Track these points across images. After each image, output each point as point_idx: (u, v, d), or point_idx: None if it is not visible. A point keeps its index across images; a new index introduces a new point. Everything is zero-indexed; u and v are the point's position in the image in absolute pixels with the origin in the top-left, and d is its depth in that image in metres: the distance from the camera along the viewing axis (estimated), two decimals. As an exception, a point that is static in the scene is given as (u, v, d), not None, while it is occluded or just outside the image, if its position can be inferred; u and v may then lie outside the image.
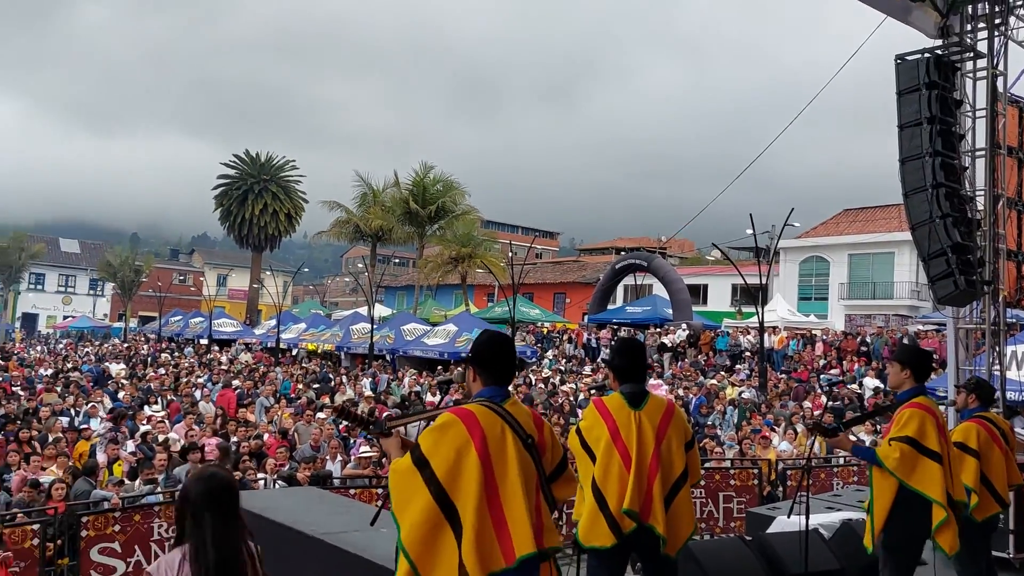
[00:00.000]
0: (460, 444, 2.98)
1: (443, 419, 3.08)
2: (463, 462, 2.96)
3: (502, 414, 3.10)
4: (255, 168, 52.33)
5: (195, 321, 42.53)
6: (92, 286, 65.03)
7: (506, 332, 27.19)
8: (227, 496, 2.81)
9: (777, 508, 7.70)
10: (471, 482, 2.93)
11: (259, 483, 9.81)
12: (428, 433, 3.05)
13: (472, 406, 3.14)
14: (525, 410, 3.27)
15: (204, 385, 20.71)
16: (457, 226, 42.20)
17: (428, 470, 2.94)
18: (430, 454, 2.97)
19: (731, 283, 39.91)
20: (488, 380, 3.28)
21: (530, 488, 3.05)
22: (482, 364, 3.31)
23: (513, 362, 3.39)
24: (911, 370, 4.87)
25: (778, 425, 14.13)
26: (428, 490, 2.92)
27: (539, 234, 76.75)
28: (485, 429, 3.02)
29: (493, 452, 3.00)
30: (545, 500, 3.15)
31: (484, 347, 3.36)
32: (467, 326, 27.61)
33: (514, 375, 3.49)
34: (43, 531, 7.47)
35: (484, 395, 3.23)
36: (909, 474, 4.55)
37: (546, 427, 3.30)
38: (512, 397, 3.28)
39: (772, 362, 23.53)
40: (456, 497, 2.93)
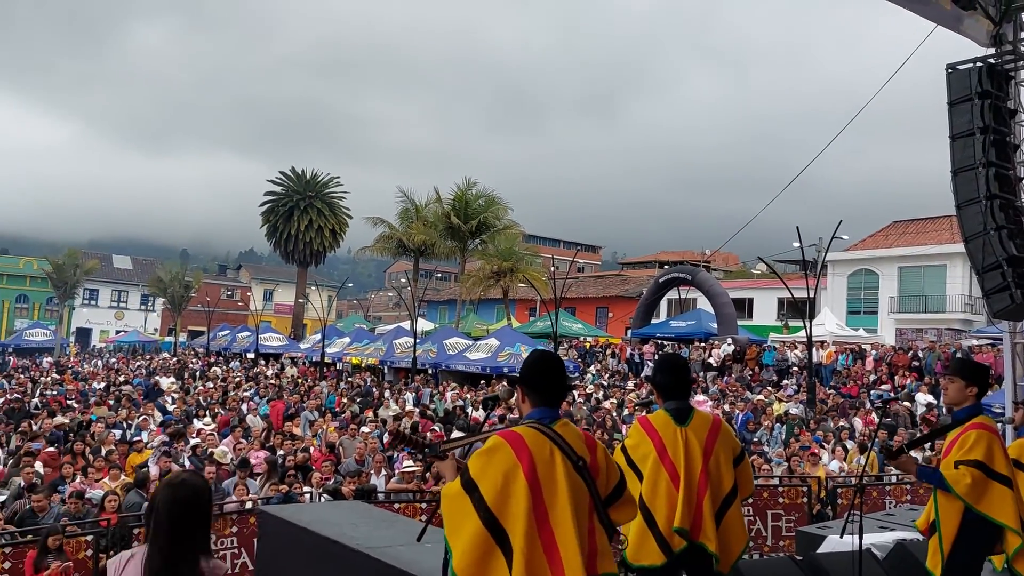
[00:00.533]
0: (508, 468, 2.94)
1: (491, 443, 3.04)
2: (511, 486, 2.91)
3: (551, 436, 3.04)
4: (301, 185, 53.24)
5: (242, 335, 43.29)
6: (143, 301, 66.63)
7: (551, 349, 27.15)
8: (192, 506, 2.73)
9: (828, 527, 7.52)
10: (520, 506, 2.89)
11: (305, 496, 9.91)
12: (476, 457, 3.03)
13: (520, 428, 3.08)
14: (576, 431, 3.20)
15: (251, 399, 21.05)
16: (499, 240, 42.33)
17: (477, 494, 2.92)
18: (478, 478, 2.95)
19: (777, 297, 39.33)
20: (537, 401, 3.21)
21: (581, 511, 2.99)
22: (531, 385, 3.24)
23: (563, 382, 3.31)
24: (977, 387, 4.71)
25: (827, 442, 13.84)
26: (478, 515, 2.90)
27: (581, 248, 76.61)
28: (533, 452, 2.97)
29: (542, 475, 2.95)
30: (601, 523, 3.07)
31: (533, 367, 3.29)
32: (509, 340, 27.64)
33: (565, 396, 3.42)
34: (96, 542, 7.64)
35: (533, 416, 3.17)
36: (979, 500, 4.38)
37: (599, 448, 3.22)
38: (563, 419, 3.21)
39: (820, 377, 23.09)
40: (505, 521, 2.89)
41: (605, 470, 3.18)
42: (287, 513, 6.42)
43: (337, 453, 13.03)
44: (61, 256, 52.35)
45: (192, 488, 2.78)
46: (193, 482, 2.83)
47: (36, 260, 59.20)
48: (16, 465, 11.29)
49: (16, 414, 17.12)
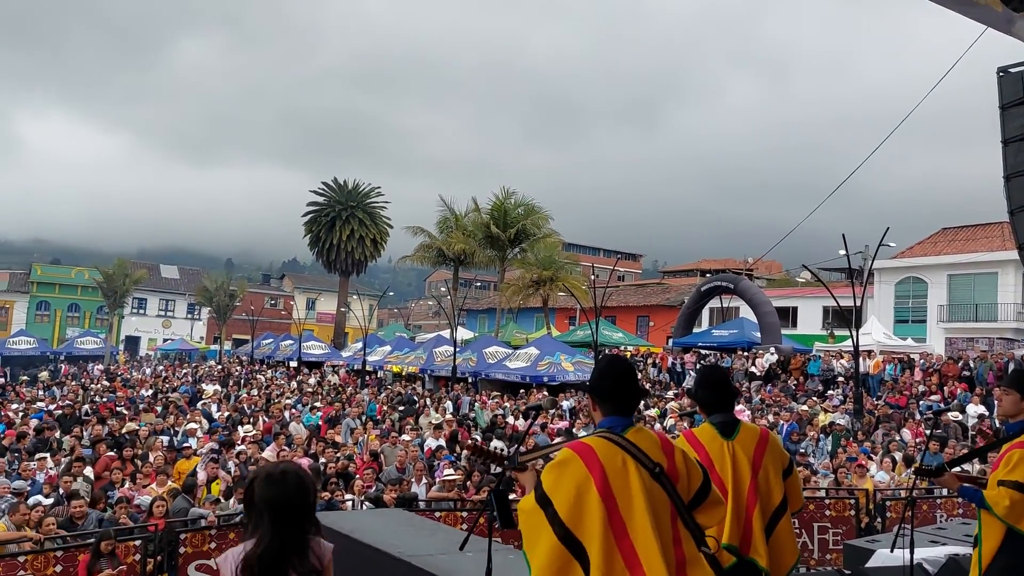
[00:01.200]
0: (580, 480, 2.88)
1: (561, 455, 2.98)
2: (584, 499, 2.86)
3: (623, 445, 2.97)
4: (343, 195, 53.89)
5: (285, 344, 43.89)
6: (190, 310, 67.94)
7: (624, 356, 27.01)
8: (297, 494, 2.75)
9: (877, 541, 7.34)
10: (594, 519, 2.83)
11: (347, 504, 9.98)
12: (548, 471, 2.97)
13: (590, 439, 3.03)
14: (652, 437, 3.11)
15: (293, 406, 21.31)
16: (538, 249, 42.31)
17: (551, 509, 2.87)
18: (551, 492, 2.89)
19: (822, 305, 38.67)
20: (609, 410, 3.14)
21: (662, 520, 2.91)
22: (601, 393, 3.17)
23: (635, 388, 3.22)
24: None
25: (875, 453, 13.53)
26: (553, 529, 2.84)
27: (621, 256, 76.17)
28: (604, 463, 2.91)
29: (615, 486, 2.88)
30: (688, 529, 2.98)
31: (602, 374, 3.21)
32: (549, 349, 27.58)
33: (638, 402, 3.32)
34: (144, 547, 7.78)
35: (604, 425, 3.10)
36: (1019, 520, 4.26)
37: (677, 452, 3.12)
38: (636, 425, 3.13)
39: (868, 387, 22.61)
40: (581, 535, 2.83)
41: (686, 474, 3.08)
42: (330, 520, 6.47)
43: (379, 461, 13.11)
44: (111, 266, 53.61)
45: (295, 476, 2.79)
46: (294, 470, 2.84)
47: (87, 270, 60.75)
48: (67, 471, 11.57)
49: (67, 420, 17.56)
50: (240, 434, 15.05)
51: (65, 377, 34.79)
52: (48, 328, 61.05)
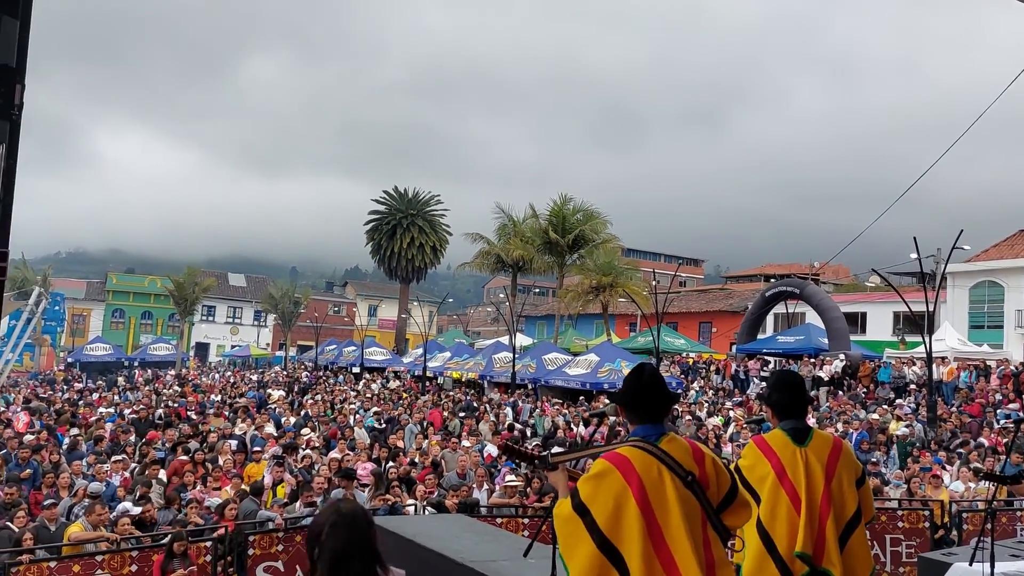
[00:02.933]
0: (618, 492, 2.96)
1: (598, 467, 3.04)
2: (623, 510, 2.94)
3: (658, 455, 3.04)
4: (403, 203, 54.62)
5: (348, 350, 44.61)
6: (256, 317, 69.70)
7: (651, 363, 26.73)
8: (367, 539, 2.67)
9: (953, 554, 7.06)
10: (633, 529, 2.92)
11: (409, 509, 10.07)
12: (585, 481, 3.04)
13: (626, 449, 3.07)
14: (684, 445, 3.16)
15: (356, 411, 21.63)
16: (597, 255, 42.10)
17: (589, 518, 2.95)
18: (589, 502, 2.97)
19: (892, 310, 37.52)
20: (640, 419, 3.20)
21: (695, 525, 3.00)
22: (632, 403, 3.22)
23: (665, 396, 3.26)
24: None
25: (950, 464, 13.05)
26: (591, 538, 2.93)
27: (683, 261, 75.23)
28: (641, 474, 2.98)
29: (652, 497, 2.96)
30: (716, 531, 3.08)
31: (630, 384, 3.26)
32: (609, 356, 27.39)
33: (668, 410, 3.35)
34: (215, 548, 7.98)
35: (638, 435, 3.15)
36: None
37: (707, 459, 3.17)
38: (668, 433, 3.17)
39: (942, 395, 21.81)
40: (620, 543, 2.92)
41: (715, 479, 3.15)
42: (393, 525, 6.55)
43: (440, 466, 13.20)
44: (181, 275, 55.42)
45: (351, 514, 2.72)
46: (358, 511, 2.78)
47: (159, 279, 62.90)
48: (142, 473, 11.96)
49: (142, 424, 18.17)
50: (304, 439, 15.33)
51: (139, 382, 36.03)
52: (123, 335, 63.41)
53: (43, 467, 11.90)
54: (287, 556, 8.12)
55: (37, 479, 11.38)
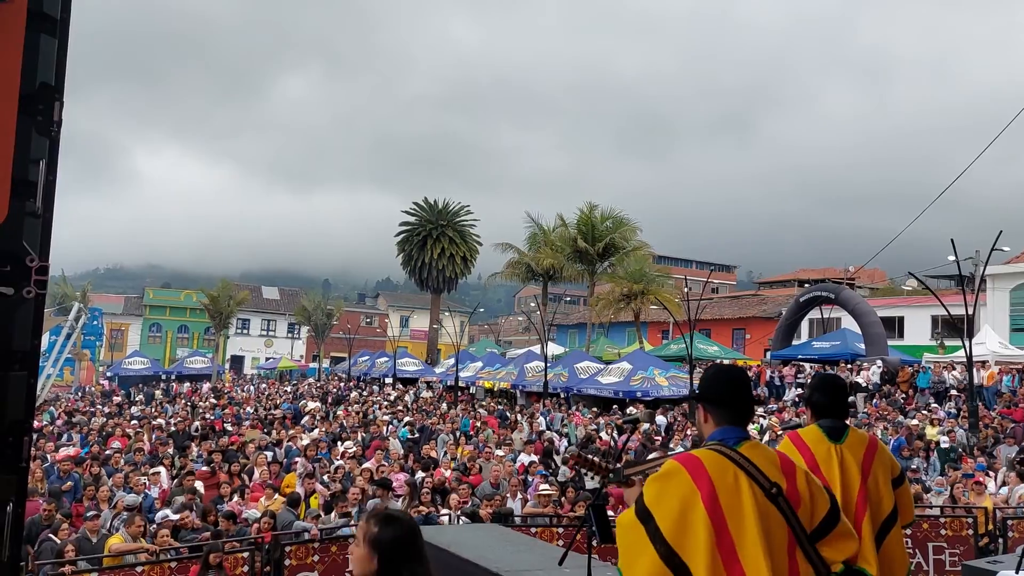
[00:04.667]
0: (685, 494, 2.64)
1: (667, 467, 2.75)
2: (689, 515, 2.61)
3: (736, 459, 2.71)
4: (433, 214, 54.92)
5: (381, 361, 44.87)
6: (290, 329, 70.43)
7: (686, 372, 26.50)
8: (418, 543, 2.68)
9: (999, 562, 6.88)
10: (700, 538, 2.59)
11: (443, 519, 10.08)
12: (651, 483, 2.76)
13: (699, 451, 2.79)
14: (770, 454, 2.84)
15: (390, 422, 21.72)
16: (628, 262, 41.92)
17: (652, 524, 2.62)
18: (653, 506, 2.66)
19: (930, 314, 36.83)
20: (721, 420, 2.87)
21: (778, 547, 2.63)
22: (713, 402, 2.91)
23: (750, 398, 2.96)
24: None
25: (994, 469, 12.74)
26: (654, 547, 2.60)
27: (715, 268, 74.58)
28: (713, 477, 2.65)
29: (725, 504, 2.62)
30: (808, 560, 2.69)
31: (714, 381, 2.96)
32: (642, 364, 27.22)
33: (753, 414, 3.07)
34: (251, 558, 8.06)
35: (715, 438, 2.84)
36: None
37: (799, 473, 2.82)
38: (751, 439, 2.87)
39: (983, 400, 21.34)
40: (685, 555, 2.58)
41: (808, 499, 2.76)
42: (428, 534, 6.51)
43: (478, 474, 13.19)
44: (216, 288, 56.20)
45: (407, 525, 2.71)
46: (404, 518, 2.76)
47: (195, 293, 63.90)
48: (179, 485, 12.11)
49: (179, 436, 18.42)
50: (340, 450, 15.43)
51: (176, 395, 36.55)
52: (160, 349, 64.46)
53: (84, 480, 12.10)
54: (323, 566, 8.16)
55: (78, 492, 11.58)
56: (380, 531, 2.64)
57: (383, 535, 2.62)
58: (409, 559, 2.61)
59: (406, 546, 2.62)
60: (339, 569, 8.15)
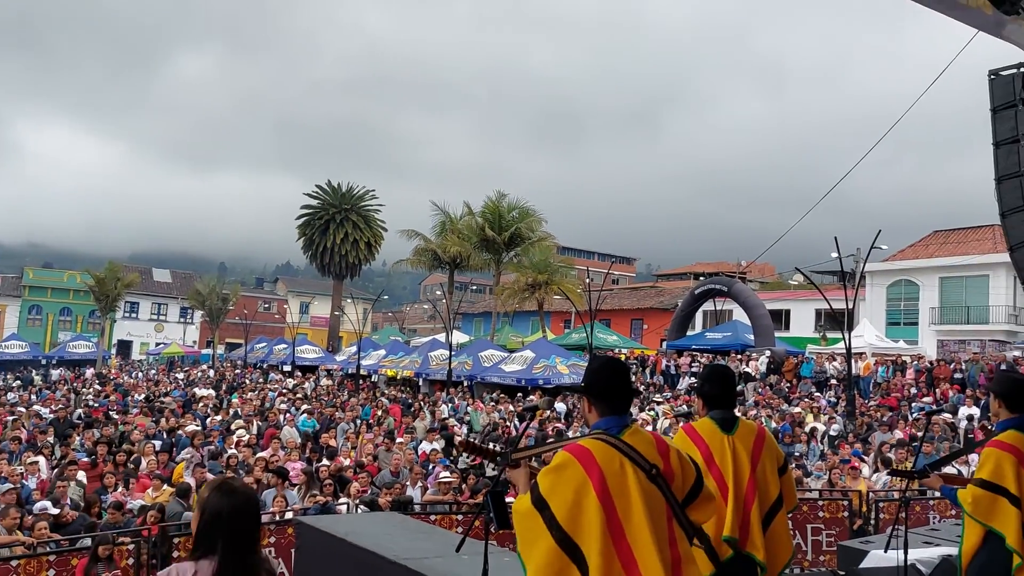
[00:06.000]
0: (578, 484, 2.86)
1: (559, 459, 2.95)
2: (583, 503, 2.84)
3: (620, 447, 2.95)
4: (337, 198, 53.86)
5: (279, 348, 43.82)
6: (182, 314, 67.75)
7: (618, 356, 27.03)
8: (251, 516, 2.71)
9: (871, 542, 7.37)
10: (593, 523, 2.82)
11: (341, 507, 9.97)
12: (544, 474, 2.95)
13: (588, 441, 3.00)
14: (647, 437, 3.09)
15: (287, 411, 21.26)
16: (533, 253, 42.36)
17: (548, 512, 2.84)
18: (548, 495, 2.87)
19: (815, 308, 38.80)
20: (604, 410, 3.11)
21: (658, 521, 2.92)
22: (596, 393, 3.13)
23: (629, 388, 3.20)
24: (1003, 400, 4.65)
25: (869, 455, 13.58)
26: (550, 533, 2.82)
27: (616, 260, 76.30)
28: (603, 466, 2.89)
29: (613, 490, 2.87)
30: (681, 528, 3.00)
31: (597, 374, 3.17)
32: (544, 352, 27.60)
33: (632, 402, 3.32)
34: (137, 551, 7.76)
35: (600, 427, 3.07)
36: (987, 516, 4.38)
37: (672, 452, 3.11)
38: (632, 426, 3.11)
39: (860, 389, 22.68)
40: (579, 538, 2.82)
41: (680, 473, 3.07)
42: (324, 524, 6.47)
43: (377, 466, 13.09)
44: (103, 270, 53.43)
45: (247, 495, 2.76)
46: (245, 489, 2.81)
47: (79, 274, 60.53)
48: (60, 476, 11.51)
49: (60, 425, 17.48)
50: (233, 439, 15.00)
51: (58, 381, 34.64)
52: (40, 332, 60.80)
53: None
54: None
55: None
56: (208, 497, 2.69)
57: (209, 502, 2.68)
58: (231, 532, 2.62)
59: (229, 518, 2.64)
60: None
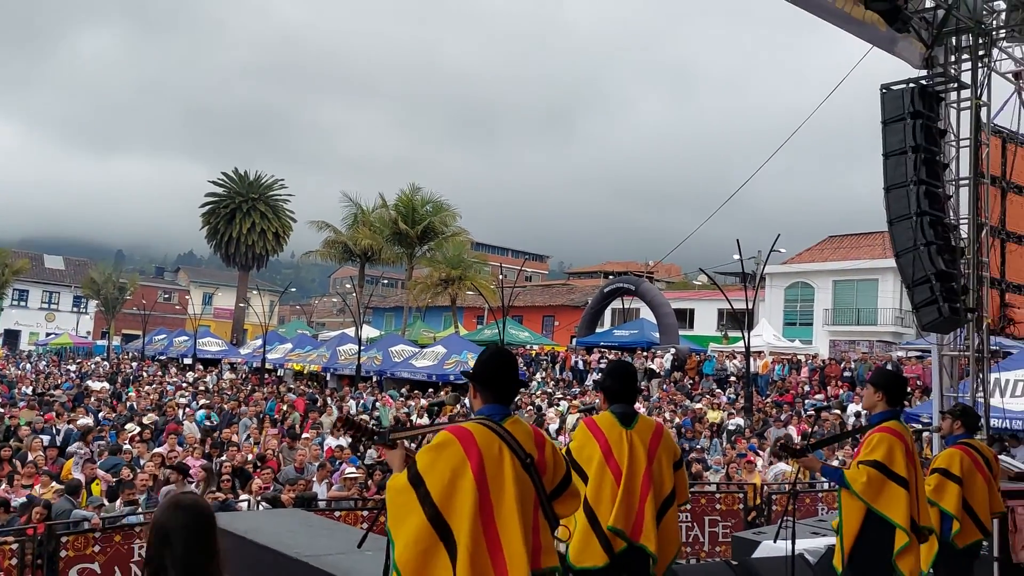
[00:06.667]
0: (456, 464, 2.94)
1: (440, 438, 3.04)
2: (458, 482, 2.92)
3: (500, 433, 3.06)
4: (243, 186, 52.25)
5: (179, 340, 42.23)
6: (76, 303, 64.47)
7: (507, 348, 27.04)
8: (202, 532, 2.62)
9: (763, 533, 7.69)
10: (466, 503, 2.90)
11: (242, 505, 9.72)
12: (425, 452, 3.03)
13: (470, 424, 3.09)
14: (526, 428, 3.21)
15: (187, 405, 20.54)
16: (447, 248, 42.21)
17: (423, 489, 2.91)
18: (426, 473, 2.94)
19: (717, 308, 40.09)
20: (489, 398, 3.22)
21: (527, 509, 3.02)
22: (483, 381, 3.25)
23: (515, 379, 3.33)
24: (884, 393, 4.92)
25: (763, 450, 14.14)
26: (423, 509, 2.89)
27: (529, 257, 76.91)
28: (482, 449, 2.98)
29: (489, 472, 2.96)
30: (545, 518, 3.11)
31: (486, 364, 3.29)
32: (456, 348, 27.55)
33: (516, 392, 3.44)
34: (21, 550, 7.36)
35: (484, 413, 3.18)
36: (875, 498, 4.60)
37: (548, 445, 3.24)
38: (513, 415, 3.22)
39: (758, 387, 23.57)
40: (451, 517, 2.89)
41: (552, 466, 3.20)
42: (223, 522, 6.24)
43: (278, 461, 12.80)
44: (-12, 255, 50.40)
45: (204, 509, 2.66)
46: (192, 502, 2.69)
47: (-38, 259, 56.81)
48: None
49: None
50: (127, 434, 14.39)
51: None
52: (-85, 320, 56.80)
53: None
54: (104, 557, 7.60)
55: None
56: (157, 514, 2.65)
57: (157, 519, 2.62)
58: (182, 551, 2.53)
59: (176, 536, 2.54)
60: (123, 559, 7.63)
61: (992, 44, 9.10)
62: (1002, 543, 6.43)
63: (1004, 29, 9.20)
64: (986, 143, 8.87)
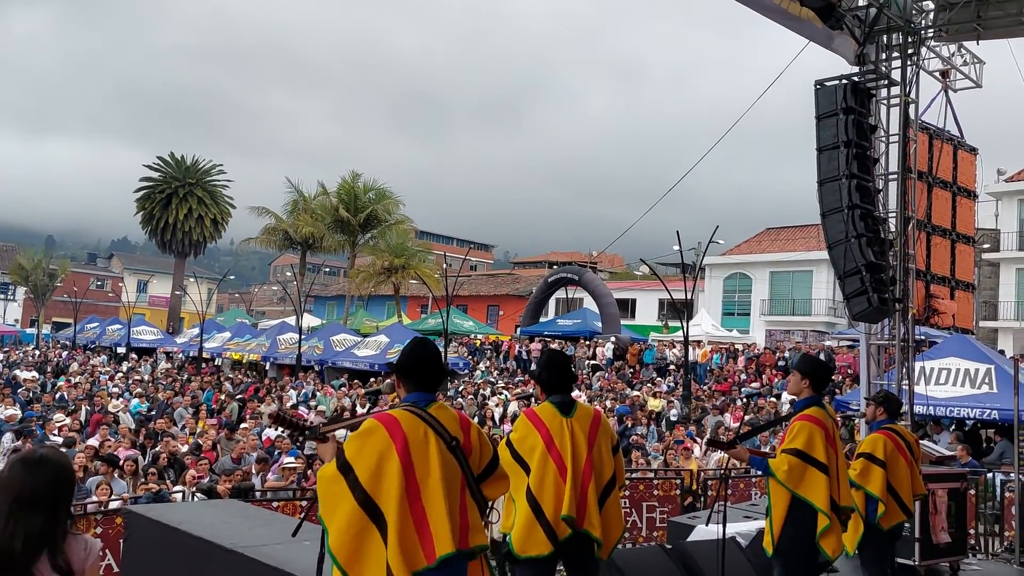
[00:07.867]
0: (382, 448, 3.03)
1: (366, 425, 3.13)
2: (385, 465, 3.01)
3: (425, 418, 3.16)
4: (180, 171, 50.89)
5: (113, 328, 40.99)
6: (3, 289, 62.05)
7: (432, 339, 26.98)
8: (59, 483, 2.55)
9: (697, 517, 7.86)
10: (393, 485, 2.99)
11: (176, 496, 9.52)
12: (352, 439, 3.10)
13: (396, 411, 3.18)
14: (451, 413, 3.33)
15: (120, 395, 20.00)
16: (390, 236, 41.85)
17: (352, 475, 3.00)
18: (353, 460, 3.03)
19: (658, 298, 40.71)
20: (413, 386, 3.33)
21: (453, 489, 3.11)
22: (407, 372, 3.36)
23: (438, 367, 3.43)
24: (809, 379, 5.09)
25: (701, 437, 14.44)
26: (353, 495, 2.98)
27: (474, 246, 76.76)
28: (407, 433, 3.07)
29: (415, 455, 3.05)
30: (473, 499, 3.21)
31: (408, 355, 3.41)
32: (399, 337, 27.33)
33: (441, 381, 3.53)
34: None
35: (409, 400, 3.28)
36: (797, 484, 4.80)
37: (473, 428, 3.34)
38: (438, 402, 3.32)
39: (696, 375, 24.04)
40: (379, 499, 2.98)
41: (478, 448, 3.31)
42: (156, 513, 6.16)
43: (216, 451, 12.56)
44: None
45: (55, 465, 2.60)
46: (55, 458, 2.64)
47: None
48: None
49: None
50: (55, 424, 13.94)
51: None
52: None
53: None
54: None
55: None
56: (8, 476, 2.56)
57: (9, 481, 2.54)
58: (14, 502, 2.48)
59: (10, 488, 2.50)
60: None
61: (921, 43, 9.42)
62: (923, 524, 6.69)
63: (932, 29, 9.53)
64: (914, 139, 9.19)
